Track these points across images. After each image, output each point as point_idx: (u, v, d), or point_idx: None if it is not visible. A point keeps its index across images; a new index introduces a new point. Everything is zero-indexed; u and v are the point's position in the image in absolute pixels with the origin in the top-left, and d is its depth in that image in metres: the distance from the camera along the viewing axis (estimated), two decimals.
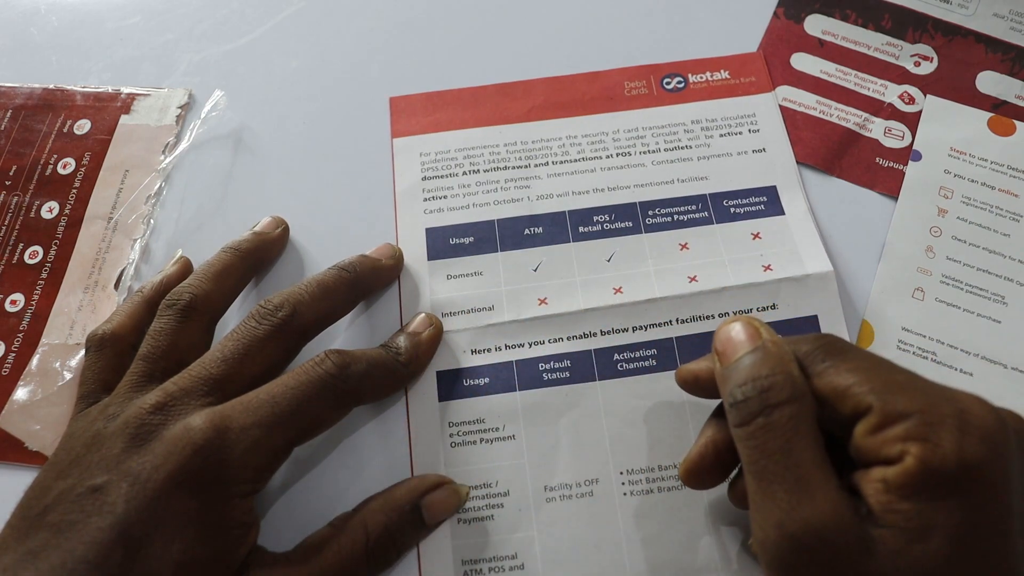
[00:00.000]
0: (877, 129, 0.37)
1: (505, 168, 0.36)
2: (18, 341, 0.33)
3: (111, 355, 0.28)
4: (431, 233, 0.35)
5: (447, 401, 0.31)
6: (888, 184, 0.35)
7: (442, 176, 0.36)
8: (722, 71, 0.38)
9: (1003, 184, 0.35)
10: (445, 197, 0.36)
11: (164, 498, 0.23)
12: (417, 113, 0.38)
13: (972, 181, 0.35)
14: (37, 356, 0.33)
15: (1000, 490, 0.19)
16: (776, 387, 0.21)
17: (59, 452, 0.25)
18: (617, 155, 0.36)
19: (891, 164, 0.36)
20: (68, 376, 0.32)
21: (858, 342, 0.32)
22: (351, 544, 0.26)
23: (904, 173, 0.36)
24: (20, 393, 0.32)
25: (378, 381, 0.29)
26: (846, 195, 0.35)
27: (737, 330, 0.23)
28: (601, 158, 0.36)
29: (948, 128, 0.37)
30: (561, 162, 0.36)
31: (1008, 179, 0.35)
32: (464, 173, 0.36)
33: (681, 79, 0.38)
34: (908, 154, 0.36)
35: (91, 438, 0.25)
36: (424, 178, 0.36)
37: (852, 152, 0.36)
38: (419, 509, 0.28)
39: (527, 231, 0.35)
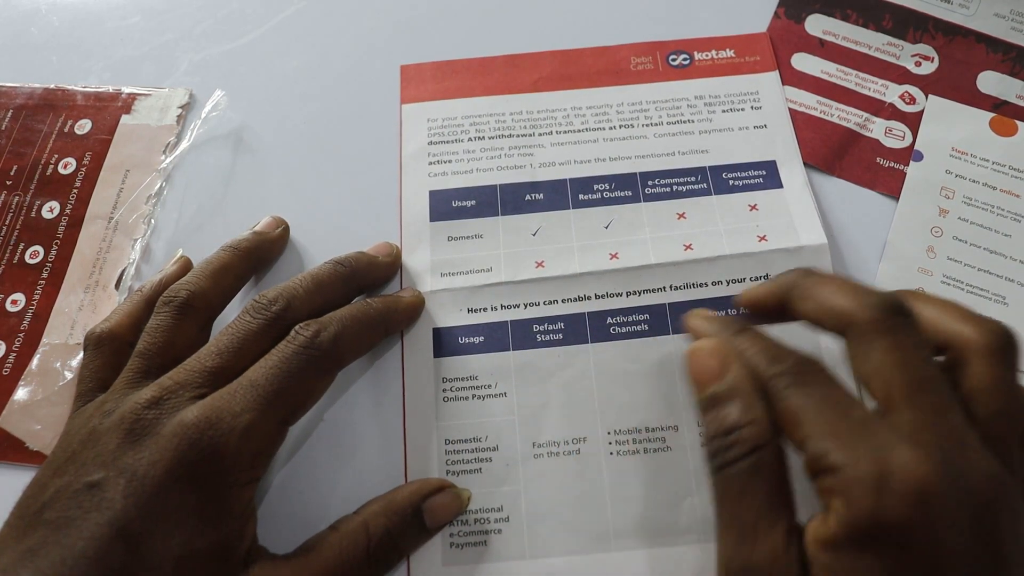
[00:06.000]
0: (878, 129, 0.37)
1: (510, 136, 0.37)
2: (19, 341, 0.33)
3: (109, 353, 0.28)
4: (434, 195, 0.35)
5: (442, 357, 0.32)
6: (889, 184, 0.35)
7: (448, 141, 0.37)
8: (727, 50, 0.39)
9: (1004, 184, 0.35)
10: (450, 161, 0.36)
11: (163, 493, 0.23)
12: (427, 81, 0.39)
13: (973, 181, 0.35)
14: (38, 356, 0.33)
15: (923, 549, 0.18)
16: (740, 442, 0.21)
17: (56, 450, 0.25)
18: (620, 127, 0.37)
19: (892, 164, 0.36)
20: (69, 376, 0.32)
21: None
22: (352, 546, 0.26)
23: (905, 173, 0.36)
24: (21, 393, 0.32)
25: (356, 337, 0.28)
26: (847, 195, 0.35)
27: (708, 351, 0.23)
28: (604, 129, 0.37)
29: (950, 128, 0.37)
30: (565, 132, 0.37)
31: (1009, 179, 0.35)
32: (470, 139, 0.37)
33: (687, 56, 0.39)
34: (909, 154, 0.36)
35: (87, 435, 0.25)
36: (430, 142, 0.37)
37: (853, 152, 0.36)
38: (420, 513, 0.28)
39: (528, 197, 0.35)
